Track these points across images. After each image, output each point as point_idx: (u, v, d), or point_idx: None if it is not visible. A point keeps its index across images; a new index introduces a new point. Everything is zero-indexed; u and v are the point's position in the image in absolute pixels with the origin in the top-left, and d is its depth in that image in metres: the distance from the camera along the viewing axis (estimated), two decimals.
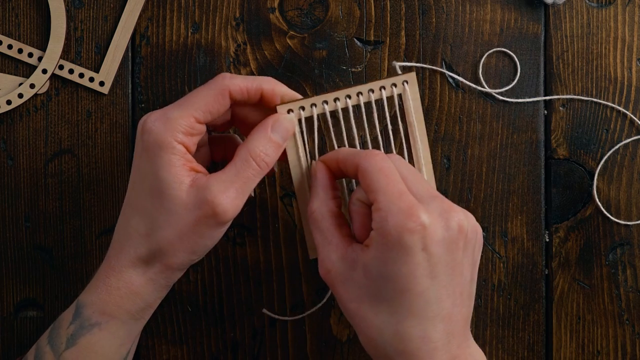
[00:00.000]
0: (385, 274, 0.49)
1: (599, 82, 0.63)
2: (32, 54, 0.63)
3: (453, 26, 0.63)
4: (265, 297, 0.63)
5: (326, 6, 0.63)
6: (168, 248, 0.52)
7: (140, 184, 0.53)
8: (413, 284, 0.49)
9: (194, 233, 0.52)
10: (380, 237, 0.49)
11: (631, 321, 0.63)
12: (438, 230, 0.49)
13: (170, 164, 0.52)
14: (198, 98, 0.53)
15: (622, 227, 0.63)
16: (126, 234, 0.53)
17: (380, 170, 0.51)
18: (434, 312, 0.50)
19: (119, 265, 0.53)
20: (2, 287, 0.63)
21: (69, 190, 0.63)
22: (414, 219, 0.49)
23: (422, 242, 0.49)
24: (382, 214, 0.49)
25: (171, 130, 0.52)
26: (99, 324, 0.53)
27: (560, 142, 0.63)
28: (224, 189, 0.51)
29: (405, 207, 0.49)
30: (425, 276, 0.49)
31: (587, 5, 0.63)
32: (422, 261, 0.49)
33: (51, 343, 0.54)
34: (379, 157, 0.51)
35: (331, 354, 0.63)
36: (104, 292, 0.53)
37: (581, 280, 0.63)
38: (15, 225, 0.63)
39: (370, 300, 0.50)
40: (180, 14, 0.63)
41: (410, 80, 0.55)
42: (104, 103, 0.63)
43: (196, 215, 0.51)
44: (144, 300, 0.54)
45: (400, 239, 0.48)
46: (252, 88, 0.54)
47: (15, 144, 0.63)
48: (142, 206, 0.53)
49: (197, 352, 0.63)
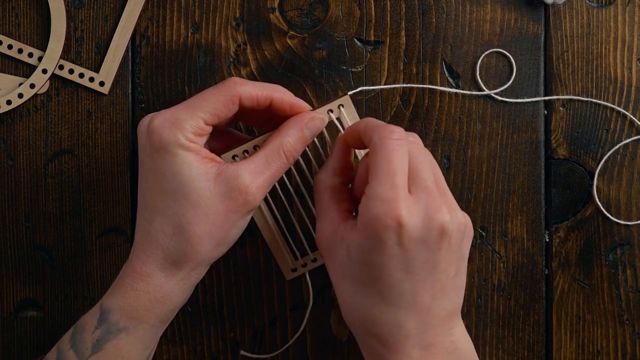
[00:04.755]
0: (363, 259, 0.50)
1: (599, 82, 0.63)
2: (32, 54, 0.63)
3: (453, 26, 0.63)
4: (265, 297, 0.63)
5: (326, 6, 0.63)
6: (199, 244, 0.52)
7: (157, 185, 0.53)
8: (387, 275, 0.50)
9: (226, 222, 0.52)
10: (361, 223, 0.50)
11: (631, 321, 0.63)
12: (417, 229, 0.49)
13: (190, 159, 0.52)
14: (207, 101, 0.53)
15: (622, 227, 0.63)
16: (150, 236, 0.53)
17: (387, 153, 0.50)
18: (408, 303, 0.50)
19: (147, 269, 0.53)
20: (2, 287, 0.63)
21: (69, 190, 0.63)
22: (392, 214, 0.49)
23: (397, 238, 0.49)
24: (367, 201, 0.50)
25: (182, 131, 0.52)
26: (127, 328, 0.52)
27: (560, 142, 0.63)
28: (255, 177, 0.52)
29: (390, 201, 0.49)
30: (400, 269, 0.50)
31: (587, 5, 0.63)
32: (397, 254, 0.50)
33: (75, 348, 0.53)
34: (393, 138, 0.51)
35: (331, 354, 0.63)
36: (132, 297, 0.52)
37: (581, 280, 0.63)
38: (15, 225, 0.63)
39: (349, 279, 0.52)
40: (180, 14, 0.63)
41: (346, 103, 0.57)
42: (104, 103, 0.63)
43: (229, 205, 0.52)
44: (174, 303, 0.54)
45: (376, 230, 0.49)
46: (262, 96, 0.54)
47: (15, 144, 0.63)
48: (164, 206, 0.52)
49: (197, 352, 0.63)
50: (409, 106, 0.63)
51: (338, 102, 0.57)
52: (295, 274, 0.62)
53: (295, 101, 0.56)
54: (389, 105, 0.63)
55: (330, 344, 0.63)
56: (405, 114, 0.63)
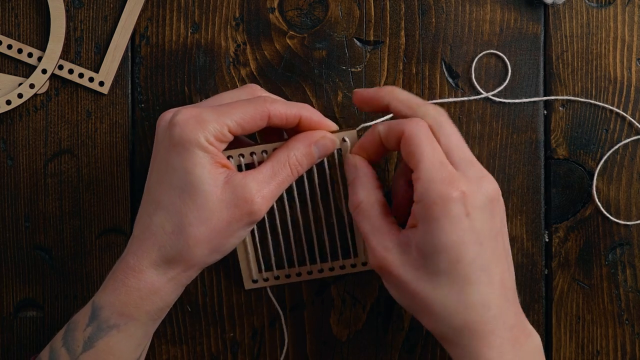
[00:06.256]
0: (438, 247, 0.51)
1: (598, 82, 0.63)
2: (32, 54, 0.63)
3: (453, 26, 0.63)
4: (265, 297, 0.63)
5: (326, 6, 0.63)
6: (196, 246, 0.52)
7: (167, 179, 0.52)
8: (464, 252, 0.51)
9: (227, 230, 0.52)
10: (425, 208, 0.51)
11: (631, 321, 0.63)
12: (477, 196, 0.51)
13: (205, 160, 0.52)
14: (237, 110, 0.53)
15: (622, 227, 0.63)
16: (149, 231, 0.53)
17: (424, 138, 0.52)
18: (488, 277, 0.52)
19: (140, 265, 0.52)
20: (2, 287, 0.63)
21: (69, 190, 0.63)
22: (454, 187, 0.50)
23: (464, 209, 0.51)
24: (423, 184, 0.51)
25: (204, 131, 0.52)
26: (118, 325, 0.52)
27: (560, 142, 0.63)
28: (261, 187, 0.52)
29: (446, 176, 0.51)
30: (474, 242, 0.51)
31: (587, 5, 0.63)
32: (468, 227, 0.51)
33: (67, 345, 0.53)
34: (422, 123, 0.53)
35: (331, 354, 0.63)
36: (123, 293, 0.52)
37: (581, 280, 0.63)
38: (15, 225, 0.63)
39: (428, 276, 0.52)
40: (180, 14, 0.63)
41: (350, 138, 0.56)
42: (104, 103, 0.63)
43: (232, 213, 0.52)
44: (164, 301, 0.53)
45: (445, 207, 0.50)
46: (291, 115, 0.54)
47: (15, 144, 0.63)
48: (169, 203, 0.52)
49: (197, 352, 0.63)
50: None
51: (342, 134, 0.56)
52: (254, 285, 0.62)
53: (323, 120, 0.56)
54: None
55: (330, 344, 0.63)
56: None
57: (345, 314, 0.63)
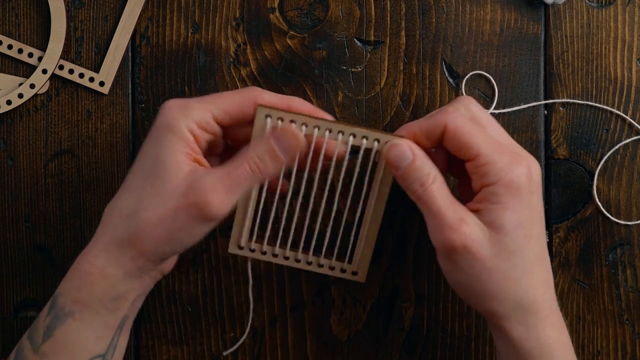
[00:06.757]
0: (518, 223, 0.51)
1: (599, 82, 0.63)
2: (32, 54, 0.63)
3: (453, 26, 0.63)
4: (265, 297, 0.63)
5: (326, 6, 0.63)
6: (144, 232, 0.51)
7: (140, 164, 0.53)
8: (534, 228, 0.52)
9: (173, 220, 0.51)
10: (504, 187, 0.51)
11: (631, 321, 0.63)
12: (534, 173, 0.52)
13: (175, 148, 0.52)
14: (222, 98, 0.53)
15: (622, 227, 0.63)
16: (109, 215, 0.53)
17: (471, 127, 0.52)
18: (544, 256, 0.53)
19: (94, 248, 0.52)
20: (2, 287, 0.63)
21: (69, 190, 0.63)
22: (523, 163, 0.52)
23: (531, 186, 0.52)
24: (492, 167, 0.51)
25: (185, 117, 0.52)
26: (72, 313, 0.52)
27: (560, 142, 0.63)
28: (215, 183, 0.51)
29: (510, 155, 0.52)
30: (539, 219, 0.53)
31: (587, 5, 0.63)
32: (537, 203, 0.52)
33: (30, 337, 0.53)
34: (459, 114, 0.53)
35: (331, 354, 0.63)
36: (76, 278, 0.52)
37: (581, 280, 0.63)
38: (15, 225, 0.63)
39: (505, 254, 0.51)
40: (180, 14, 0.63)
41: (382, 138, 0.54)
42: (104, 103, 0.63)
43: (180, 202, 0.51)
44: (114, 289, 0.52)
45: (521, 183, 0.51)
46: (280, 103, 0.54)
47: (15, 144, 0.63)
48: (134, 187, 0.52)
49: (197, 352, 0.63)
50: (409, 106, 0.63)
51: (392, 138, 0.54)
52: (239, 251, 0.58)
53: (316, 111, 0.55)
54: (388, 105, 0.63)
55: (330, 344, 0.63)
56: (405, 113, 0.63)
57: (346, 314, 0.63)
